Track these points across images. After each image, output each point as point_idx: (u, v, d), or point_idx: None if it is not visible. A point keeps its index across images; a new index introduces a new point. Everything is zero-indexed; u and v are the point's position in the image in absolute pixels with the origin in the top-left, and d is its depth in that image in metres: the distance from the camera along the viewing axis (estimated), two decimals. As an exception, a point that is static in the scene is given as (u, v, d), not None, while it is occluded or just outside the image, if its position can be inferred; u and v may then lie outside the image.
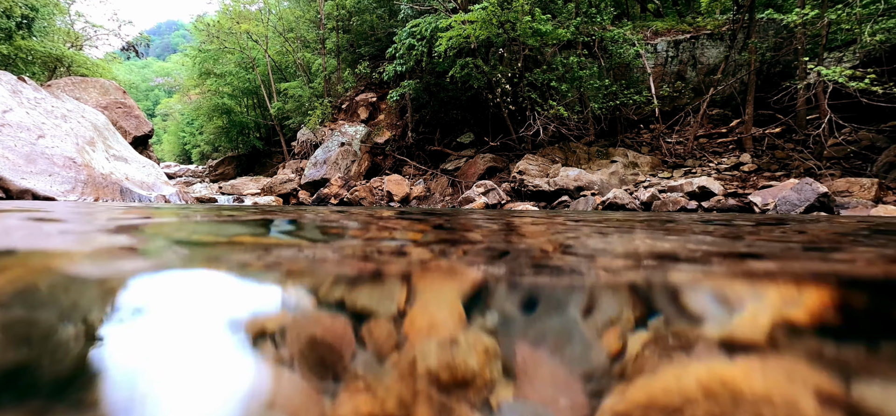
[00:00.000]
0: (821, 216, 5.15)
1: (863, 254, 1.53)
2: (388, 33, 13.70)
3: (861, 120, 7.99)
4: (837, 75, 7.14)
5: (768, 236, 2.16)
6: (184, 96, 29.28)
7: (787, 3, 10.12)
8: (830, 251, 1.68)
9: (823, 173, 7.95)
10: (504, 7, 9.34)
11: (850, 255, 1.55)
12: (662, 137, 10.76)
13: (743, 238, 2.07)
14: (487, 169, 11.21)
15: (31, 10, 15.44)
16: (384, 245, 1.70)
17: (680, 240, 1.96)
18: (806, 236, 2.18)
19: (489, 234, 2.23)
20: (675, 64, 11.61)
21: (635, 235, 2.26)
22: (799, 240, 2.02)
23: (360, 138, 13.62)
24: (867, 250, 1.61)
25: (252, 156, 23.51)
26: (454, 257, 1.45)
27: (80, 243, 1.50)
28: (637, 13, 14.01)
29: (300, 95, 16.12)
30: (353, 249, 1.56)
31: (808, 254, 1.61)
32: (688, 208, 7.22)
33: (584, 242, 1.92)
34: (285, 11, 19.19)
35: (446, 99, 12.81)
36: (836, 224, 3.09)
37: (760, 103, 10.08)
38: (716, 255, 1.52)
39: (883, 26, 7.22)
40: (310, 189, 12.55)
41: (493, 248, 1.70)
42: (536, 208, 8.26)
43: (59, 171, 7.25)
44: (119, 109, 14.19)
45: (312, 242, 1.85)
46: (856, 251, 1.62)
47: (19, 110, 7.81)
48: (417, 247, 1.67)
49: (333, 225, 2.59)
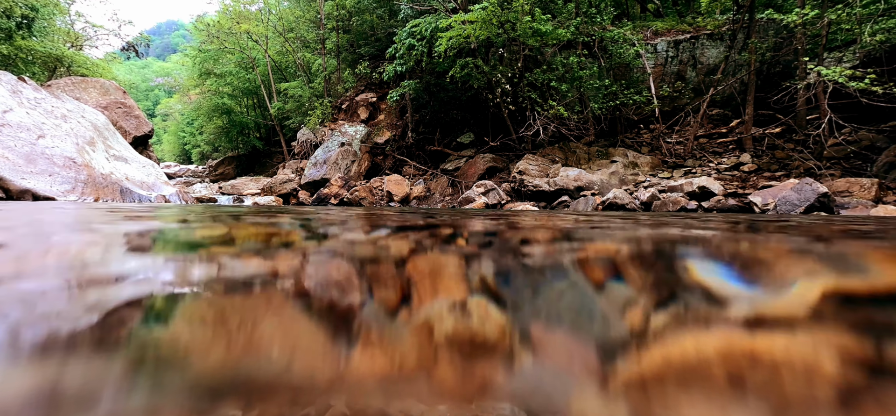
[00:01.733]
0: (821, 216, 5.15)
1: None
2: (388, 33, 13.70)
3: (861, 120, 7.99)
4: (837, 75, 7.14)
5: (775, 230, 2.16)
6: (184, 96, 29.29)
7: (787, 3, 10.12)
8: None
9: (823, 173, 7.95)
10: (504, 7, 9.34)
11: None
12: (662, 137, 10.76)
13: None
14: (487, 169, 11.21)
15: (31, 10, 15.44)
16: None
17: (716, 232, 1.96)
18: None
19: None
20: (675, 64, 11.61)
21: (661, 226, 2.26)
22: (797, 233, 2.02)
23: (360, 138, 13.62)
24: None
25: (252, 156, 23.52)
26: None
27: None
28: (637, 13, 14.01)
29: (300, 95, 16.13)
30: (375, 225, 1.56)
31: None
32: (688, 208, 7.22)
33: (598, 229, 1.92)
34: (285, 11, 19.20)
35: (446, 99, 12.82)
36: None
37: (760, 103, 10.08)
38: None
39: (883, 26, 7.22)
40: (310, 189, 12.55)
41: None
42: (536, 208, 8.26)
43: (59, 171, 7.25)
44: (119, 109, 14.19)
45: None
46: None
47: (19, 110, 7.81)
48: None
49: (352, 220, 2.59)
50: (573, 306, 0.89)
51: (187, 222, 2.45)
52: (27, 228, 1.99)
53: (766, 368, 0.57)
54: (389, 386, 0.53)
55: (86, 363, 0.55)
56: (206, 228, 2.14)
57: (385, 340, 0.67)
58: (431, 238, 1.85)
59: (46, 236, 1.69)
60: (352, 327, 0.72)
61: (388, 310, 0.81)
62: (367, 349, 0.63)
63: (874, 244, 1.74)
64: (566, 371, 0.61)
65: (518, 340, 0.70)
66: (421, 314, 0.79)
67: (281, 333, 0.70)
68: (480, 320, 0.75)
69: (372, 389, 0.52)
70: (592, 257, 1.44)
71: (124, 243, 1.50)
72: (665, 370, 0.58)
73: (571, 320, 0.80)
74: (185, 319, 0.75)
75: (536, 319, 0.80)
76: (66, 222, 2.25)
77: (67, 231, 1.88)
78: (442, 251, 1.52)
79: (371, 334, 0.68)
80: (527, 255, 1.51)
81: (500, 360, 0.62)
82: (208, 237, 1.84)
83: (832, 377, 0.56)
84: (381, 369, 0.57)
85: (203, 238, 1.80)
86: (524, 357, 0.65)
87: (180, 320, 0.75)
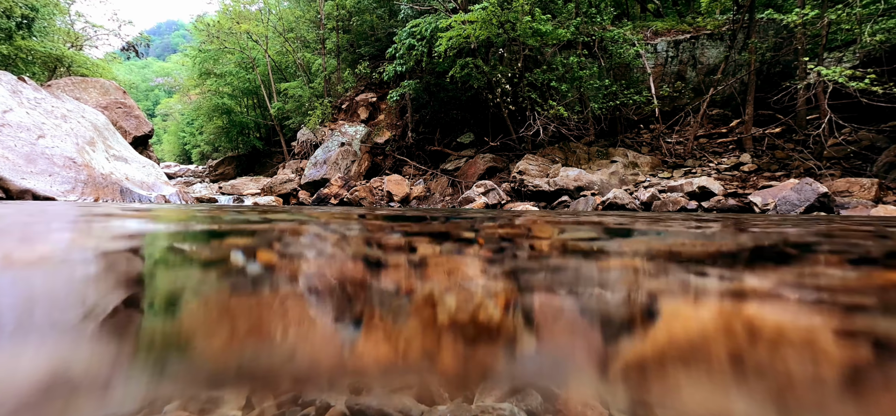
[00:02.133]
0: (821, 216, 5.15)
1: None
2: (388, 33, 13.70)
3: (861, 120, 7.99)
4: (837, 75, 7.14)
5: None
6: (184, 96, 29.28)
7: (787, 3, 10.12)
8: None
9: (823, 173, 7.95)
10: (504, 7, 9.34)
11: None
12: (662, 137, 10.76)
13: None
14: (487, 169, 11.21)
15: (31, 10, 15.44)
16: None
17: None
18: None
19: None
20: (675, 64, 11.61)
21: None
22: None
23: (360, 138, 13.62)
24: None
25: (252, 156, 23.51)
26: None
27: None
28: (637, 13, 14.02)
29: (300, 95, 16.12)
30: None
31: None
32: (688, 208, 7.22)
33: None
34: (285, 11, 19.19)
35: (446, 99, 12.82)
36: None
37: (760, 103, 10.08)
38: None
39: (883, 26, 7.22)
40: (310, 189, 12.55)
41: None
42: (536, 208, 8.26)
43: (59, 171, 7.25)
44: (119, 109, 14.19)
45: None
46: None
47: (19, 110, 7.81)
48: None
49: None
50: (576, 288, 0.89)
51: (187, 222, 2.46)
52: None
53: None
54: (392, 373, 0.53)
55: (91, 349, 0.55)
56: (206, 226, 2.14)
57: (388, 328, 0.67)
58: (431, 236, 1.86)
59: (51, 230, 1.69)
60: (354, 315, 0.72)
61: (390, 299, 0.81)
62: (371, 337, 0.63)
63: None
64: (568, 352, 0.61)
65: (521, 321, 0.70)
66: (423, 300, 0.79)
67: (284, 321, 0.70)
68: (483, 310, 0.75)
69: (375, 376, 0.52)
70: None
71: (123, 244, 1.51)
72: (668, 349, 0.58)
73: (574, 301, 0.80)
74: (189, 312, 0.75)
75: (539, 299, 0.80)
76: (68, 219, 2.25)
77: (65, 229, 1.88)
78: (443, 249, 1.52)
79: (373, 322, 0.68)
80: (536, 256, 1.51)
81: (503, 344, 0.62)
82: (208, 234, 1.84)
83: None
84: (384, 356, 0.57)
85: (203, 236, 1.80)
86: (527, 339, 0.65)
87: (184, 311, 0.75)
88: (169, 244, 1.54)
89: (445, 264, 1.15)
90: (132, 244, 1.34)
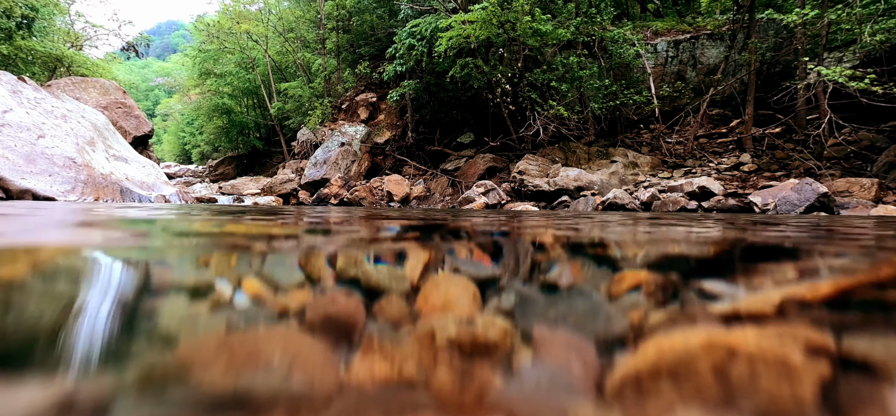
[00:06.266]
0: (821, 216, 5.15)
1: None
2: (388, 33, 13.70)
3: (861, 120, 7.99)
4: (837, 75, 7.14)
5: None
6: (184, 96, 29.28)
7: (787, 3, 10.12)
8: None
9: (823, 173, 7.94)
10: (504, 7, 9.33)
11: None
12: (662, 137, 10.76)
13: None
14: (487, 169, 11.21)
15: (31, 10, 15.44)
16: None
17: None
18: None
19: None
20: (675, 64, 11.61)
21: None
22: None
23: (360, 138, 13.62)
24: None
25: (252, 156, 23.52)
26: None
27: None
28: (637, 13, 14.01)
29: (300, 95, 16.12)
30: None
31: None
32: (688, 208, 7.22)
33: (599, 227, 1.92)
34: (285, 11, 19.19)
35: (446, 99, 12.81)
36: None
37: (760, 103, 10.08)
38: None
39: (883, 26, 7.22)
40: (310, 189, 12.55)
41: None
42: (536, 208, 8.25)
43: (59, 171, 7.25)
44: (119, 109, 14.19)
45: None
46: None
47: (19, 110, 7.81)
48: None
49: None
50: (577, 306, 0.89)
51: (187, 221, 2.46)
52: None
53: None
54: (390, 392, 0.53)
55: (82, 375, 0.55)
56: (207, 225, 2.14)
57: (386, 345, 0.67)
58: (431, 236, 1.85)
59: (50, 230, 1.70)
60: (353, 335, 0.72)
61: (391, 319, 0.81)
62: (368, 356, 0.63)
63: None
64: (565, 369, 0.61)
65: (519, 340, 0.70)
66: (425, 319, 0.79)
67: (280, 341, 0.70)
68: (483, 324, 0.75)
69: (373, 395, 0.52)
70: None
71: (121, 245, 1.51)
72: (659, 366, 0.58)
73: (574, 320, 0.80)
74: (183, 329, 0.75)
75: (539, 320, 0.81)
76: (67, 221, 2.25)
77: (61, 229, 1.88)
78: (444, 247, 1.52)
79: (372, 341, 0.68)
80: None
81: (501, 362, 0.62)
82: (209, 233, 1.84)
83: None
84: (382, 375, 0.57)
85: (204, 235, 1.80)
86: (524, 356, 0.65)
87: (178, 330, 0.75)
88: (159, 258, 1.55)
89: (442, 281, 1.15)
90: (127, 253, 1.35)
